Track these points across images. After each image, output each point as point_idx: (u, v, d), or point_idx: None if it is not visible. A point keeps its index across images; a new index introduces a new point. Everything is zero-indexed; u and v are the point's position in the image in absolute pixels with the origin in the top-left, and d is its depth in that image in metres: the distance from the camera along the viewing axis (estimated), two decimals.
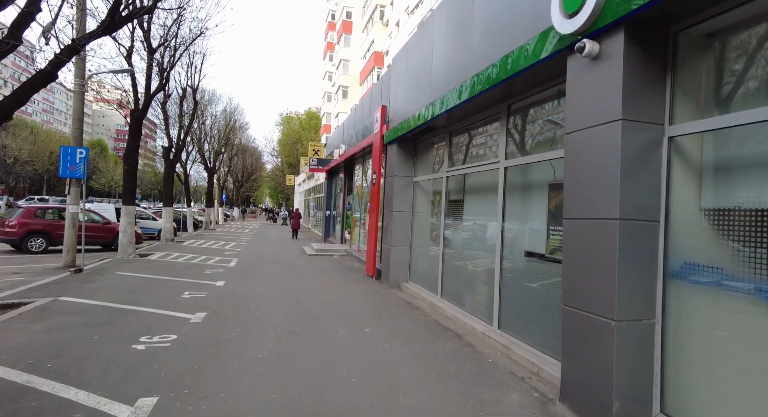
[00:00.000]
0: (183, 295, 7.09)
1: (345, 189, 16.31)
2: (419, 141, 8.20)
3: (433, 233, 7.57)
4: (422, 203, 8.21)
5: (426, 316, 6.12)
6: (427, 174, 7.97)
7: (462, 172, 6.26)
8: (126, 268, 9.94)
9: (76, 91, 10.49)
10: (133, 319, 5.49)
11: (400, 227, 8.29)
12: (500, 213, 5.06)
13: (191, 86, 18.53)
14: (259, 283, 8.50)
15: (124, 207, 12.20)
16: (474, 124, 6.08)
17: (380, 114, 9.17)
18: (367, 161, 12.43)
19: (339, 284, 8.62)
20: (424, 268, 7.69)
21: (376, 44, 37.54)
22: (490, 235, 5.47)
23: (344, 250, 14.14)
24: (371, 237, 9.37)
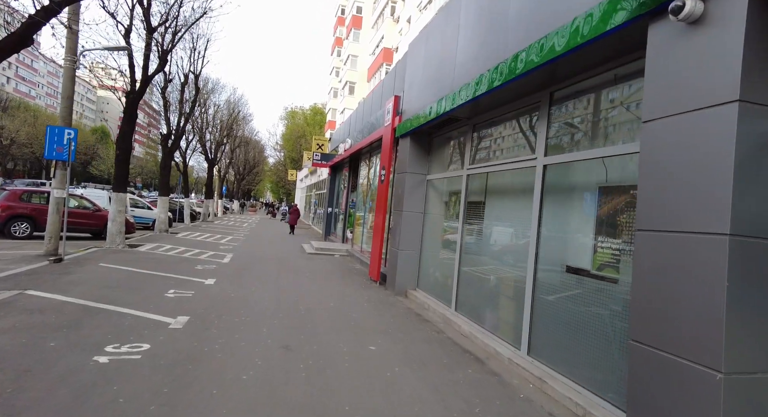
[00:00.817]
0: (167, 294, 6.36)
1: (349, 186, 15.57)
2: (435, 135, 7.46)
3: (447, 237, 6.83)
4: (435, 204, 7.47)
5: (439, 333, 5.38)
6: (442, 172, 7.24)
7: (488, 170, 5.51)
8: (111, 259, 9.22)
9: (67, 67, 9.77)
10: (104, 322, 4.76)
11: (409, 229, 7.56)
12: (536, 219, 4.32)
13: (193, 72, 17.82)
14: (253, 283, 7.76)
15: (115, 194, 11.47)
16: (505, 115, 5.33)
17: (392, 105, 8.43)
18: (375, 157, 11.70)
19: (340, 288, 7.88)
20: (436, 275, 6.95)
21: (386, 41, 36.77)
22: (520, 244, 4.73)
23: (345, 250, 13.40)
24: (377, 238, 8.64)
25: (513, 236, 4.92)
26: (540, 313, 4.21)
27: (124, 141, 11.56)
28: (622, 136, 3.65)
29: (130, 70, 11.71)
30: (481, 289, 5.41)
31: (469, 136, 6.12)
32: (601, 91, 3.90)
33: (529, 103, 4.73)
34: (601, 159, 3.75)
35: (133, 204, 18.60)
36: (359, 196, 13.51)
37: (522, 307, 4.40)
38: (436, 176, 7.36)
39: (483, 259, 5.52)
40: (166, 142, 16.78)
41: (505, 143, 5.41)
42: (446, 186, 7.14)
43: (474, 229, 5.80)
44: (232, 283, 7.57)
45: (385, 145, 8.76)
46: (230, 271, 8.90)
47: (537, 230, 4.30)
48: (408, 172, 7.56)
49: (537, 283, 4.28)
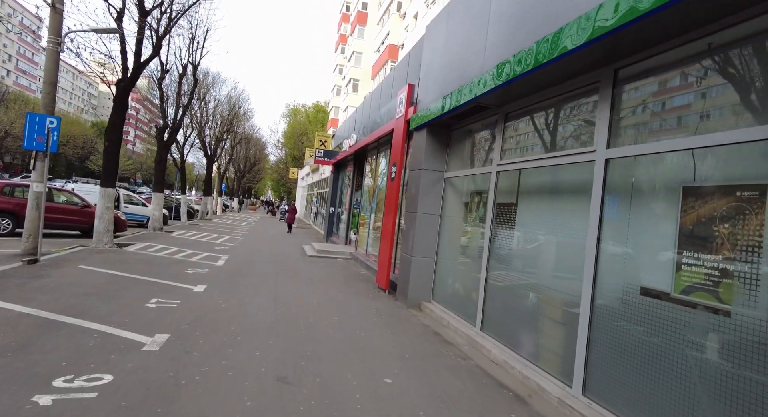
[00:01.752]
0: (148, 304, 5.54)
1: (353, 184, 14.74)
2: (455, 127, 6.63)
3: (469, 244, 6.00)
4: (454, 205, 6.64)
5: (465, 359, 4.55)
6: (463, 169, 6.41)
7: (525, 166, 4.67)
8: (94, 260, 8.40)
9: (50, 49, 8.95)
10: (63, 342, 3.94)
11: (424, 233, 6.73)
12: (594, 226, 3.49)
13: (192, 63, 16.99)
14: (248, 290, 6.94)
15: (102, 189, 10.66)
16: (545, 101, 4.50)
17: (406, 94, 7.60)
18: (383, 153, 10.87)
19: (345, 298, 7.05)
20: (455, 287, 6.12)
21: (392, 37, 35.95)
22: (570, 256, 3.90)
23: (349, 253, 12.57)
24: (385, 242, 7.81)
25: (560, 246, 4.09)
26: (600, 343, 3.38)
27: (114, 132, 10.75)
28: (724, 121, 2.82)
29: (122, 56, 10.89)
30: (516, 308, 4.58)
31: (499, 127, 5.29)
32: (686, 66, 3.07)
33: (583, 85, 3.90)
34: (690, 151, 2.92)
35: (128, 200, 17.82)
36: (364, 195, 12.68)
37: (574, 334, 3.57)
38: (455, 174, 6.53)
39: (518, 271, 4.68)
40: (162, 136, 15.96)
41: (547, 135, 4.57)
42: (467, 185, 6.32)
43: (505, 236, 4.96)
44: (225, 291, 6.75)
45: (396, 140, 7.94)
46: (224, 275, 8.08)
47: (596, 240, 3.47)
48: (423, 169, 6.73)
49: (596, 305, 3.45)
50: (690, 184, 2.96)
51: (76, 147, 56.03)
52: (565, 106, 4.28)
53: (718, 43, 2.88)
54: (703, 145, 2.81)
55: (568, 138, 4.22)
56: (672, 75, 3.19)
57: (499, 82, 4.35)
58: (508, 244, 4.90)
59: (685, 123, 3.08)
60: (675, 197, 3.02)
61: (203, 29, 17.18)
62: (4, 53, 65.03)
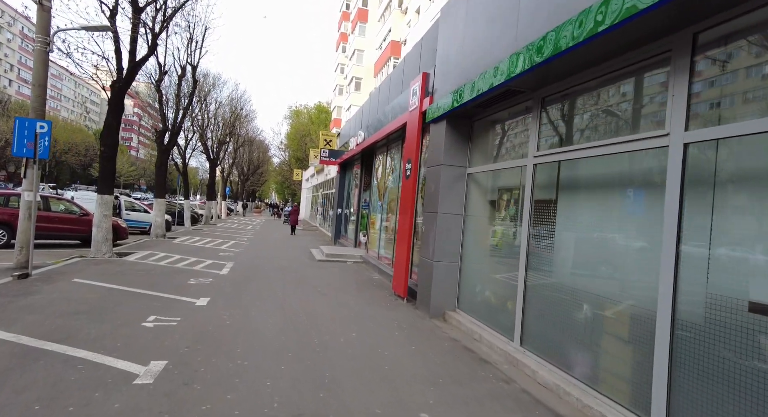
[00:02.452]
0: (145, 323, 4.97)
1: (361, 184, 14.15)
2: (478, 117, 6.00)
3: (499, 246, 5.38)
4: (479, 204, 6.02)
5: (508, 382, 3.92)
6: (488, 163, 5.78)
7: (574, 155, 4.04)
8: (90, 272, 7.86)
9: (38, 49, 8.43)
10: (41, 376, 3.37)
11: (446, 235, 6.12)
12: (673, 224, 2.86)
13: (191, 63, 16.46)
14: (254, 303, 6.35)
15: (99, 196, 10.14)
16: (599, 77, 3.86)
17: (420, 84, 6.98)
18: (393, 149, 10.26)
19: (360, 309, 6.45)
20: (486, 295, 5.49)
21: (393, 33, 35.31)
22: (636, 261, 3.27)
23: (359, 256, 11.98)
24: (402, 245, 7.20)
25: (620, 249, 3.46)
26: (687, 370, 2.75)
27: (110, 136, 10.22)
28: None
29: (116, 56, 10.36)
30: (565, 321, 3.95)
31: (534, 113, 4.65)
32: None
33: (649, 56, 3.26)
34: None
35: (129, 207, 17.36)
36: (374, 195, 12.08)
37: (648, 357, 2.94)
38: (479, 169, 5.91)
39: (566, 278, 4.05)
40: (161, 140, 15.46)
41: (601, 119, 3.93)
42: (494, 181, 5.69)
43: (547, 237, 4.33)
44: (229, 304, 6.17)
45: (410, 134, 7.32)
46: (228, 285, 7.50)
47: (676, 242, 2.84)
48: (443, 164, 6.11)
49: (679, 323, 2.81)
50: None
51: (78, 154, 55.93)
52: (623, 84, 3.64)
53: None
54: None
55: (628, 121, 3.58)
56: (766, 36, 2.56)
57: (540, 59, 3.72)
58: (552, 247, 4.27)
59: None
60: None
61: (201, 28, 16.63)
62: (6, 63, 65.11)
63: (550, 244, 4.30)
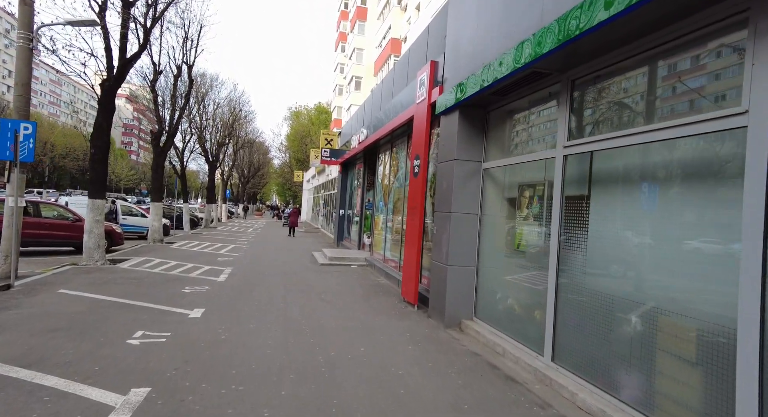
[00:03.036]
0: (130, 341, 4.46)
1: (364, 184, 13.63)
2: (494, 106, 5.48)
3: (523, 249, 4.86)
4: (496, 201, 5.50)
5: (544, 407, 3.39)
6: (506, 156, 5.26)
7: (618, 143, 3.51)
8: (79, 282, 7.37)
9: (21, 46, 7.94)
10: (0, 412, 2.87)
11: (460, 237, 5.59)
12: (759, 224, 2.33)
13: (187, 63, 15.98)
14: (253, 314, 5.84)
15: (91, 201, 9.65)
16: (643, 52, 3.33)
17: (428, 73, 6.46)
18: (398, 146, 9.74)
19: (368, 318, 5.93)
20: (508, 303, 4.96)
21: (393, 31, 34.81)
22: (701, 265, 2.74)
23: (364, 259, 11.46)
24: (411, 248, 6.68)
25: (679, 251, 2.93)
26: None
27: (100, 137, 9.73)
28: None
29: (106, 54, 9.88)
30: (609, 335, 3.42)
31: (563, 98, 4.12)
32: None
33: (715, 20, 2.73)
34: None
35: (126, 211, 16.89)
36: (378, 195, 11.56)
37: (726, 383, 2.42)
38: (496, 164, 5.38)
39: (609, 285, 3.52)
40: (157, 141, 14.98)
41: (647, 99, 3.39)
42: (513, 176, 5.17)
43: (583, 238, 3.80)
44: (226, 316, 5.66)
45: (418, 128, 6.80)
46: (225, 294, 6.99)
47: (763, 245, 2.30)
48: (456, 159, 5.58)
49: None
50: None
51: (77, 159, 55.51)
52: (680, 56, 3.10)
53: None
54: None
55: (687, 100, 3.04)
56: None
57: (578, 32, 3.19)
58: (589, 249, 3.74)
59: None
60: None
61: (197, 26, 16.15)
62: (4, 69, 64.88)
63: (586, 246, 3.77)
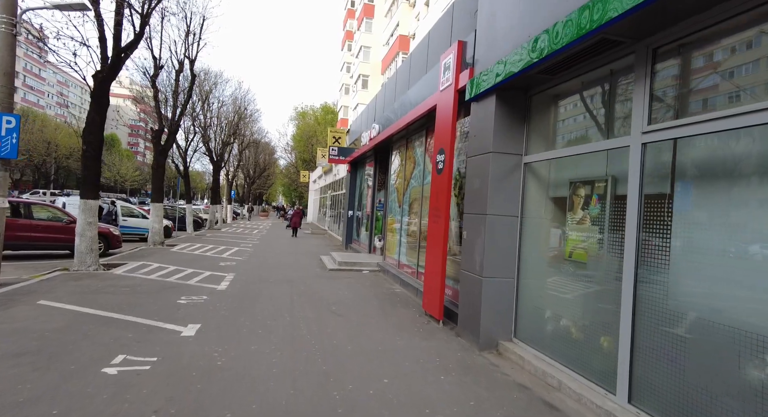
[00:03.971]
0: (107, 369, 3.70)
1: (375, 183, 12.84)
2: (538, 89, 4.66)
3: (580, 258, 4.03)
4: (540, 201, 4.68)
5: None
6: (554, 148, 4.44)
7: (718, 126, 2.68)
8: (65, 291, 6.64)
9: (4, 31, 7.25)
10: None
11: (497, 243, 4.77)
12: None
13: (189, 57, 15.29)
14: (255, 332, 5.06)
15: (82, 201, 8.95)
16: (752, 9, 2.50)
17: (455, 55, 5.65)
18: (414, 142, 8.93)
19: (388, 338, 5.12)
20: (560, 324, 4.13)
21: (402, 27, 34.02)
22: None
23: (376, 264, 10.66)
24: (434, 255, 5.87)
25: None
26: None
27: (93, 132, 9.02)
28: None
29: (100, 44, 9.18)
30: (717, 373, 2.58)
31: (641, 71, 3.29)
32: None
33: None
34: None
35: (127, 213, 16.27)
36: (391, 195, 10.75)
37: None
38: (541, 156, 4.56)
39: (712, 310, 2.68)
40: (158, 140, 14.30)
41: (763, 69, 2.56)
42: (563, 171, 4.35)
43: (674, 247, 2.97)
44: (224, 334, 4.88)
45: (442, 118, 5.99)
46: (225, 306, 6.23)
47: None
48: (492, 152, 4.76)
49: None
50: None
51: (79, 159, 55.32)
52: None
53: None
54: None
55: None
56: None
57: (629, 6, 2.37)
58: (684, 261, 2.90)
59: None
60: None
61: (199, 18, 15.46)
62: None
63: (679, 258, 2.93)
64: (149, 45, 13.54)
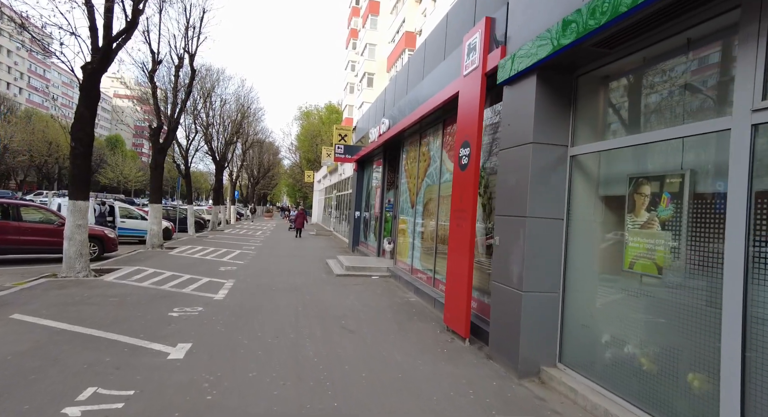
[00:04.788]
0: (69, 410, 3.01)
1: (384, 183, 12.12)
2: (587, 70, 3.91)
3: (652, 270, 3.28)
4: (590, 201, 3.93)
5: None
6: (605, 138, 3.70)
7: None
8: (44, 302, 5.98)
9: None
10: None
11: (539, 251, 4.03)
12: None
13: (188, 51, 14.65)
14: (254, 354, 4.34)
15: (71, 202, 8.30)
16: None
17: (482, 34, 4.92)
18: (429, 136, 8.20)
19: (408, 361, 4.39)
20: (625, 351, 3.37)
21: (408, 24, 33.29)
22: None
23: (386, 269, 9.94)
24: (459, 263, 5.14)
25: None
26: None
27: (82, 129, 8.37)
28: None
29: (91, 33, 8.54)
30: None
31: (750, 31, 2.54)
32: None
33: None
34: None
35: (125, 214, 15.66)
36: (403, 194, 10.02)
37: None
38: (592, 148, 3.82)
39: None
40: (157, 138, 13.66)
41: None
42: (617, 164, 3.61)
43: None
44: (217, 356, 4.17)
45: (467, 106, 5.25)
46: (221, 320, 5.53)
47: None
48: (533, 142, 4.02)
49: None
50: None
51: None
52: None
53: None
54: None
55: None
56: None
57: None
58: None
59: None
60: None
61: (199, 11, 14.81)
62: (16, 71, 64.96)
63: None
64: (147, 39, 12.92)
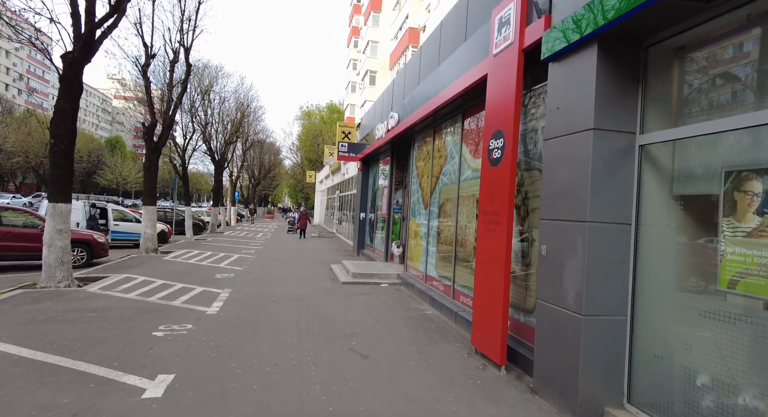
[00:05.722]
0: None
1: (392, 182, 11.34)
2: (662, 38, 3.12)
3: (748, 290, 2.49)
4: (663, 202, 3.14)
5: None
6: (687, 122, 2.91)
7: None
8: (11, 320, 5.22)
9: None
10: None
11: (601, 263, 3.23)
12: None
13: (183, 45, 13.88)
14: (248, 390, 3.56)
15: (51, 205, 7.54)
16: None
17: (518, 4, 4.13)
18: (445, 130, 7.40)
19: (437, 397, 3.60)
20: (738, 401, 2.57)
21: (411, 20, 32.50)
22: None
23: (396, 275, 9.16)
24: (492, 275, 4.35)
25: None
26: None
27: (63, 124, 7.61)
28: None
29: (73, 21, 7.78)
30: None
31: None
32: None
33: None
34: None
35: (119, 217, 14.94)
36: (415, 194, 9.23)
37: None
38: (670, 135, 3.03)
39: None
40: (151, 135, 12.91)
41: None
42: (704, 155, 2.83)
43: None
44: (204, 393, 3.39)
45: (499, 90, 4.46)
46: (213, 341, 4.74)
47: None
48: (594, 129, 3.23)
49: None
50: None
51: (81, 161, 54.41)
52: None
53: None
54: None
55: None
56: None
57: None
58: None
59: None
60: None
61: (194, 2, 14.07)
62: (15, 72, 64.45)
63: None
64: (139, 31, 12.17)
